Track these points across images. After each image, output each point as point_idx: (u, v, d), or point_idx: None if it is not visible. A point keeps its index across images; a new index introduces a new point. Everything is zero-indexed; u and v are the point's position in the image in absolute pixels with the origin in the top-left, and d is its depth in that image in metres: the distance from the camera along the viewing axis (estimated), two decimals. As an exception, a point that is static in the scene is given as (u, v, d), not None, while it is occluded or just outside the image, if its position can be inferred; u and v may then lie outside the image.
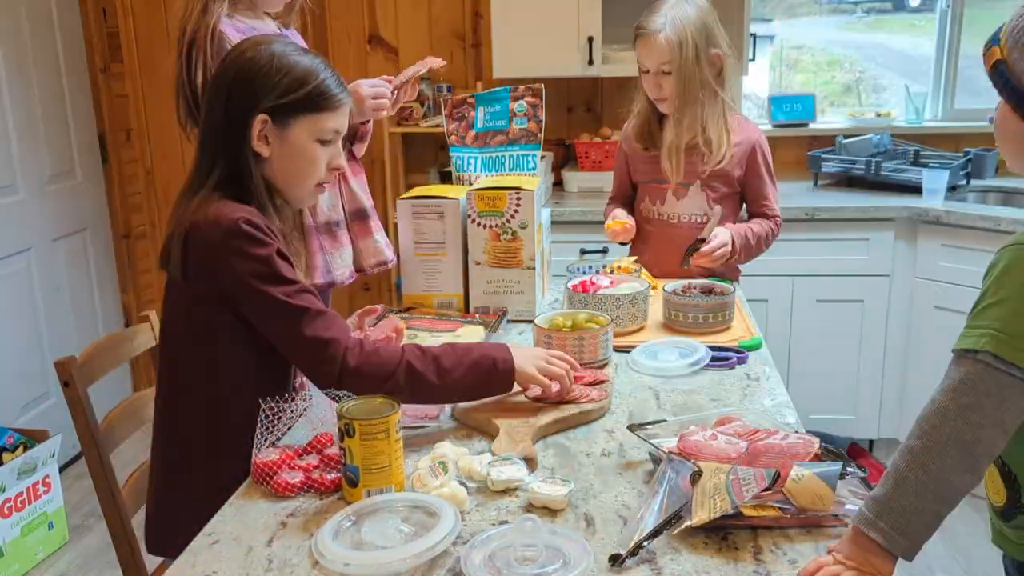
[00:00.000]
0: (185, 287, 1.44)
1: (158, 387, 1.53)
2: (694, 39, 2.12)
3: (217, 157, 1.46)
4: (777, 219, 2.28)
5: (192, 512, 1.27)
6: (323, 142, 1.51)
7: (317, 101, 1.47)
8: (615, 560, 1.05)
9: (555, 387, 1.47)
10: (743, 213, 2.35)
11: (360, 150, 2.30)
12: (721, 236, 2.11)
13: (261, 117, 1.44)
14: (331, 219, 2.20)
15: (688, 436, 1.28)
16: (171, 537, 1.47)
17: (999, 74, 1.10)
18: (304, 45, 2.31)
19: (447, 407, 1.49)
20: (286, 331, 1.40)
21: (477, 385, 1.43)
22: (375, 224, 2.32)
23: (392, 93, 2.12)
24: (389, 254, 2.33)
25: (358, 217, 2.28)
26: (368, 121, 2.17)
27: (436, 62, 2.16)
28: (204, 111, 1.51)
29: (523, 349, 1.50)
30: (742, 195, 2.30)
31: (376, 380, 1.36)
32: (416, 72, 2.14)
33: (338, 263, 2.22)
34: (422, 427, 1.45)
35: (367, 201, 2.31)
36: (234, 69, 1.46)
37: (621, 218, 2.29)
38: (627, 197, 2.42)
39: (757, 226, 2.23)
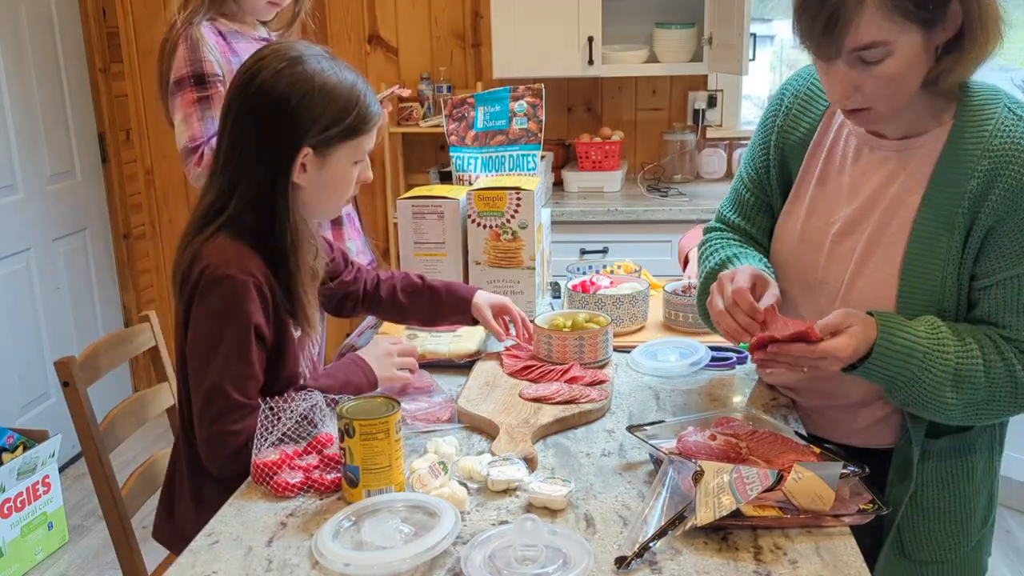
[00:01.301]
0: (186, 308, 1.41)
1: (179, 387, 1.52)
2: None
3: (242, 185, 1.37)
4: None
5: (209, 513, 1.27)
6: (358, 162, 1.46)
7: (360, 126, 1.40)
8: (621, 562, 1.05)
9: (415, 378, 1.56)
10: None
11: None
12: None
13: (304, 151, 1.36)
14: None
15: (686, 437, 1.28)
16: (178, 534, 1.47)
17: None
18: None
19: (455, 411, 1.49)
20: (199, 397, 1.36)
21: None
22: (348, 231, 2.32)
23: None
24: (363, 261, 2.35)
25: (332, 224, 2.29)
26: None
27: (400, 91, 2.31)
28: (229, 135, 1.39)
29: (372, 357, 1.52)
30: None
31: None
32: (382, 96, 2.20)
33: None
34: (434, 430, 1.45)
35: (344, 207, 2.32)
36: (269, 93, 1.34)
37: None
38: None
39: None
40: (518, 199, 1.90)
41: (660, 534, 1.09)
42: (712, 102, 3.66)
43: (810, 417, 1.49)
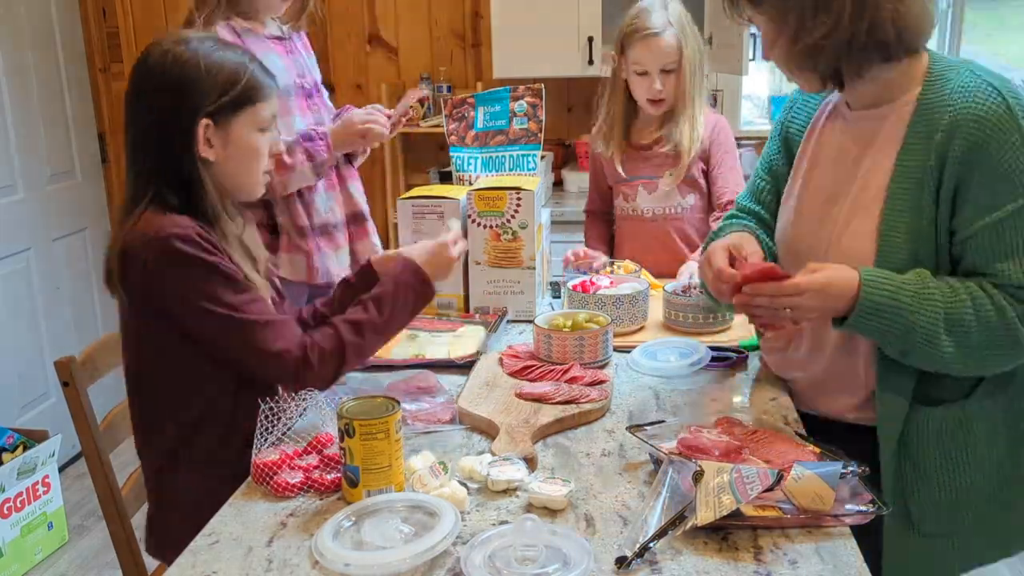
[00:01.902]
0: (130, 306, 1.42)
1: (129, 401, 1.52)
2: (693, 32, 2.16)
3: (154, 169, 1.40)
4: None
5: (183, 519, 1.27)
6: (263, 130, 1.47)
7: (254, 93, 1.43)
8: (621, 563, 1.05)
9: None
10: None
11: (357, 162, 2.33)
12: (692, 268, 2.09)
13: (204, 122, 1.39)
14: (328, 221, 2.22)
15: (687, 435, 1.28)
16: (165, 542, 1.48)
17: None
18: (309, 49, 2.32)
19: (457, 412, 1.49)
20: (235, 347, 1.37)
21: (414, 299, 1.49)
22: (371, 227, 2.34)
23: (389, 120, 2.19)
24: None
25: (355, 220, 2.31)
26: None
27: (417, 94, 2.28)
28: (130, 123, 1.45)
29: (421, 251, 1.57)
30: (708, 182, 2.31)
31: (335, 362, 1.39)
32: (405, 106, 2.22)
33: (334, 264, 2.23)
34: (435, 431, 1.45)
35: (364, 205, 2.33)
36: (160, 77, 1.40)
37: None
38: (608, 205, 2.41)
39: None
40: (518, 199, 1.90)
41: (660, 534, 1.09)
42: (712, 102, 3.66)
43: (811, 395, 1.52)
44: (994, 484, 1.41)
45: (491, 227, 1.92)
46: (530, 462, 1.30)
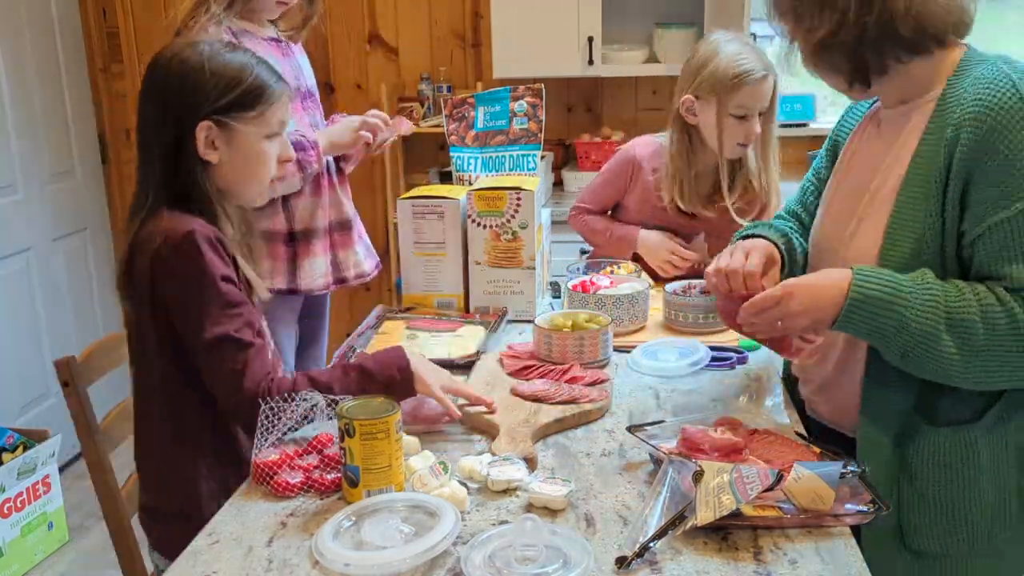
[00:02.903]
0: (136, 303, 1.43)
1: (134, 397, 1.52)
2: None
3: (161, 172, 1.41)
4: None
5: (180, 513, 1.28)
6: (270, 136, 1.46)
7: (257, 96, 1.42)
8: (622, 563, 1.05)
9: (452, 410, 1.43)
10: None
11: (348, 168, 2.33)
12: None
13: (205, 124, 1.39)
14: (309, 227, 2.19)
15: (689, 431, 1.28)
16: (163, 533, 1.48)
17: None
18: (304, 55, 2.31)
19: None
20: (206, 350, 1.36)
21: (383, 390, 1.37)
22: (356, 235, 2.32)
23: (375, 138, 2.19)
24: (368, 267, 2.35)
25: (341, 227, 2.29)
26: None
27: (405, 126, 2.29)
28: (139, 126, 1.45)
29: (428, 369, 1.44)
30: None
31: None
32: (390, 137, 2.24)
33: (306, 272, 2.20)
34: (435, 431, 1.45)
35: (351, 210, 2.32)
36: (163, 79, 1.40)
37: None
38: (607, 208, 2.35)
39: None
40: (518, 199, 1.90)
41: (660, 534, 1.09)
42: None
43: (826, 403, 1.50)
44: (996, 513, 1.34)
45: (491, 227, 1.92)
46: (530, 462, 1.30)
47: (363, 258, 2.35)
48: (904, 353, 1.25)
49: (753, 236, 1.54)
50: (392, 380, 1.39)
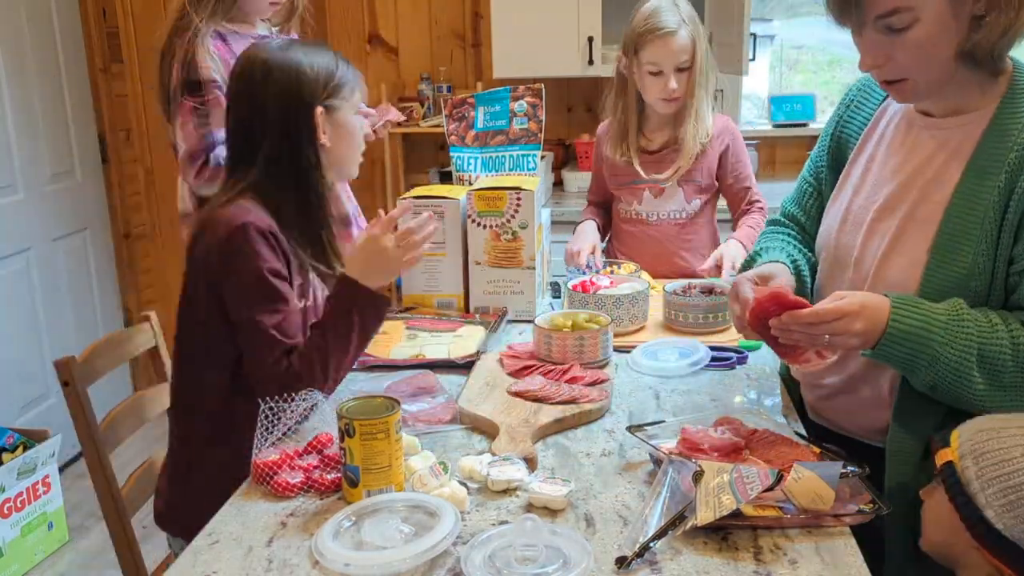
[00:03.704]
0: (191, 281, 1.51)
1: (173, 370, 1.58)
2: (702, 30, 2.16)
3: (270, 158, 1.53)
4: (763, 206, 2.28)
5: (206, 496, 1.29)
6: (359, 114, 1.66)
7: (349, 81, 1.61)
8: (622, 563, 1.05)
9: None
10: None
11: None
12: (732, 249, 2.11)
13: (318, 110, 1.55)
14: None
15: (690, 429, 1.29)
16: (182, 518, 1.48)
17: (949, 473, 1.09)
18: None
19: (457, 412, 1.49)
20: (246, 333, 1.45)
21: (358, 315, 1.50)
22: (356, 231, 2.32)
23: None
24: None
25: (340, 223, 2.28)
26: None
27: (393, 115, 2.35)
28: (243, 124, 1.56)
29: (359, 259, 1.55)
30: (718, 187, 2.31)
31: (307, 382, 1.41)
32: (378, 122, 2.28)
33: None
34: (435, 431, 1.45)
35: (350, 206, 2.31)
36: (272, 79, 1.52)
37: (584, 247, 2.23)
38: (607, 198, 2.40)
39: (753, 221, 2.24)
40: (518, 199, 1.90)
41: (660, 534, 1.09)
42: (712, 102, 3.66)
43: (835, 410, 1.47)
44: None
45: (491, 227, 1.92)
46: (530, 462, 1.30)
47: None
48: (933, 385, 1.23)
49: (763, 260, 1.49)
50: (344, 304, 1.50)
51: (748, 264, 1.53)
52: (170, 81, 2.09)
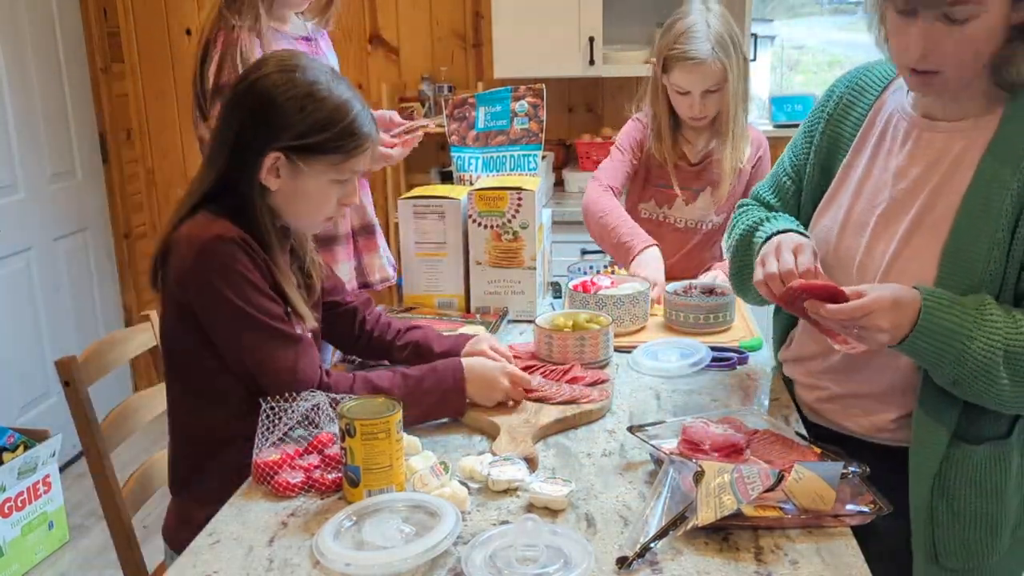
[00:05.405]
0: (167, 303, 1.43)
1: (167, 388, 1.52)
2: (736, 55, 2.07)
3: (220, 173, 1.39)
4: None
5: (205, 512, 1.27)
6: (340, 182, 1.42)
7: (341, 145, 1.37)
8: (623, 563, 1.05)
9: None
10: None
11: (368, 173, 2.30)
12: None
13: (274, 154, 1.35)
14: (331, 233, 2.15)
15: (690, 428, 1.29)
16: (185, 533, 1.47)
17: None
18: (332, 50, 2.27)
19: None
20: (248, 349, 1.37)
21: (438, 402, 1.44)
22: (380, 239, 2.32)
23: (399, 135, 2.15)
24: (391, 271, 2.34)
25: (366, 232, 2.27)
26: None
27: (425, 122, 2.26)
28: (218, 124, 1.43)
29: (478, 373, 1.46)
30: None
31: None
32: (416, 125, 2.20)
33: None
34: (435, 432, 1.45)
35: (373, 216, 2.31)
36: (255, 93, 1.36)
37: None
38: (624, 184, 2.34)
39: None
40: (519, 199, 1.90)
41: (661, 534, 1.09)
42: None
43: (842, 406, 1.45)
44: (1018, 518, 1.35)
45: (492, 227, 1.92)
46: (531, 462, 1.30)
47: (387, 263, 2.33)
48: (956, 381, 1.23)
49: (783, 231, 1.43)
50: (442, 389, 1.43)
51: (752, 229, 1.49)
52: (208, 78, 2.02)
